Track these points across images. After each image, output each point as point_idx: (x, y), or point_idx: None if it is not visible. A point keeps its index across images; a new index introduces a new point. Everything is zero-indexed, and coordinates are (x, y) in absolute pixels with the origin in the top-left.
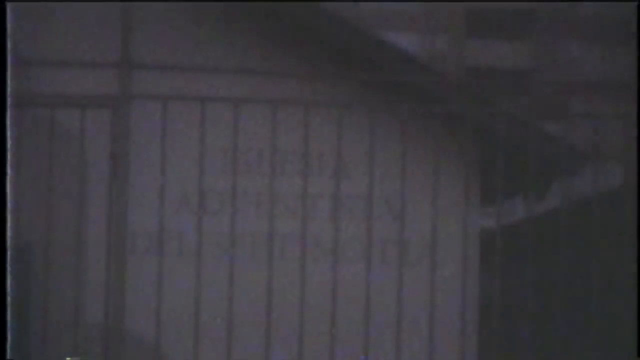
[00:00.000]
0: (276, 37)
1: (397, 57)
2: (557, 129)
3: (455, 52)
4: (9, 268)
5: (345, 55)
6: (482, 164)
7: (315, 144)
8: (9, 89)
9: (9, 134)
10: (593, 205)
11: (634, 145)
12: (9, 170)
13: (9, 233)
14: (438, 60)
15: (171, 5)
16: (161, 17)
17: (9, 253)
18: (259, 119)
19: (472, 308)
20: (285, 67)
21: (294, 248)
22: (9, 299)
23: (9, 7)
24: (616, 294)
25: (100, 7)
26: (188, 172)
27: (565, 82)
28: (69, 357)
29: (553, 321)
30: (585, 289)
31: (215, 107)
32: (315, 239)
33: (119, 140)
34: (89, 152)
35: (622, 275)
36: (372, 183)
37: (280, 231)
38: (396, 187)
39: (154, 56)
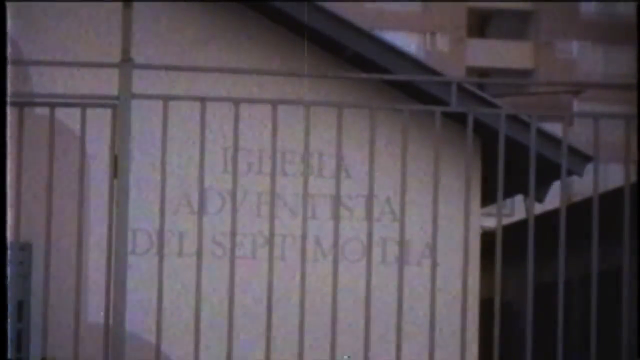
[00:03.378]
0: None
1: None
2: None
3: None
4: (8, 268)
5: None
6: (483, 163)
7: (316, 144)
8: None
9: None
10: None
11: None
12: (8, 170)
13: (8, 232)
14: None
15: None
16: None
17: (9, 252)
18: (258, 119)
19: (472, 308)
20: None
21: (294, 248)
22: (8, 298)
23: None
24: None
25: (100, 7)
26: (188, 172)
27: None
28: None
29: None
30: (585, 289)
31: (215, 107)
32: (315, 239)
33: (119, 140)
34: (90, 152)
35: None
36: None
37: (280, 231)
38: (396, 188)
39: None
